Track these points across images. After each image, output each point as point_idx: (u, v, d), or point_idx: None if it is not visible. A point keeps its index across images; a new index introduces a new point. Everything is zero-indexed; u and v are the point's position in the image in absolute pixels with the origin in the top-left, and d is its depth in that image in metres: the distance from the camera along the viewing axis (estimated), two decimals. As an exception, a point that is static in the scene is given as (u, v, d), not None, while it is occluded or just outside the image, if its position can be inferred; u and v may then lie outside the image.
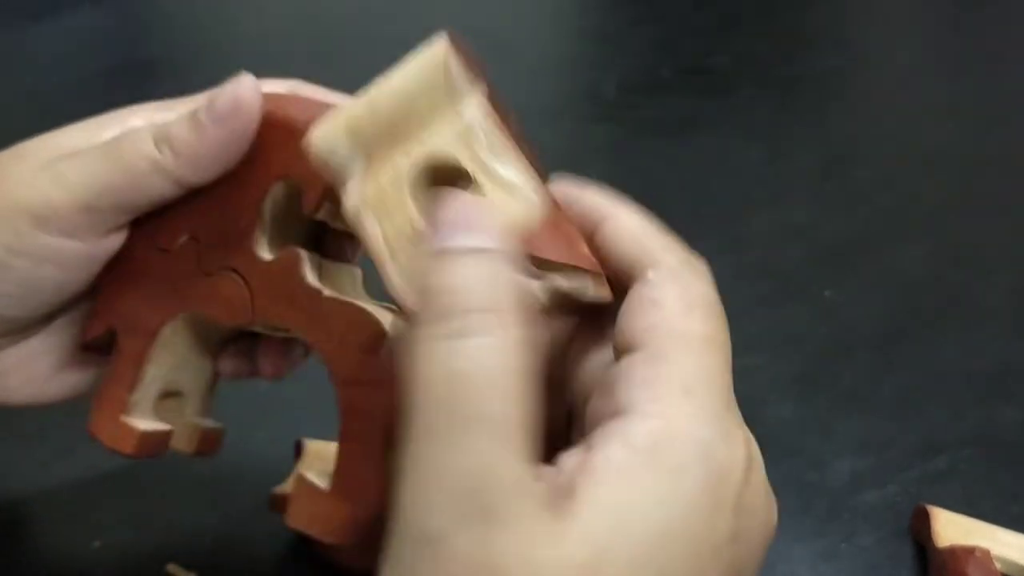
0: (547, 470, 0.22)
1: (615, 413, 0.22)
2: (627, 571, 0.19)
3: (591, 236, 0.26)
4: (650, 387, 0.22)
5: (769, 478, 0.47)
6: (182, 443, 0.36)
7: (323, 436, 0.45)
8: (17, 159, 0.31)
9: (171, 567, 0.43)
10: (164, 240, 0.32)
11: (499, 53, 0.87)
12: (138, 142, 0.30)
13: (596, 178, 0.77)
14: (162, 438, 0.35)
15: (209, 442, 0.37)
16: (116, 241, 0.32)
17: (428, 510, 0.20)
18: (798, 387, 0.53)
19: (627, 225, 0.26)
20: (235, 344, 0.36)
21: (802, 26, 0.90)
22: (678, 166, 0.70)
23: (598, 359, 0.25)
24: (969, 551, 0.42)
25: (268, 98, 0.31)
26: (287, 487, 0.44)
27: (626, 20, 0.90)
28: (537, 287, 0.25)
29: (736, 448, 0.22)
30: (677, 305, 0.23)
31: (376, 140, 0.26)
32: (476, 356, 0.20)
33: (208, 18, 0.92)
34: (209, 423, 0.37)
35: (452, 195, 0.23)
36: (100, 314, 0.34)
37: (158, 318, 0.33)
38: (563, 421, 0.26)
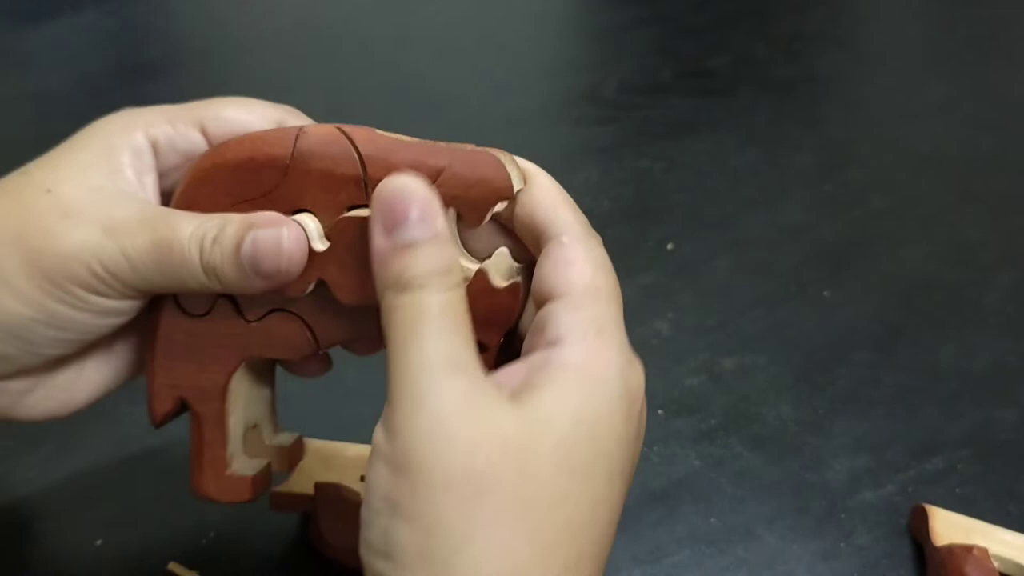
0: (495, 375, 0.29)
1: (548, 344, 0.29)
2: (562, 445, 0.27)
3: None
4: (574, 327, 0.29)
5: (767, 477, 0.48)
6: (276, 466, 0.37)
7: (323, 436, 0.45)
8: (63, 218, 0.31)
9: (172, 565, 0.43)
10: (197, 307, 0.33)
11: (499, 54, 0.88)
12: (186, 259, 0.31)
13: (596, 179, 0.77)
14: (266, 472, 0.36)
15: (296, 454, 0.38)
16: None
17: (411, 385, 0.27)
18: (796, 387, 0.53)
19: (545, 193, 0.31)
20: None
21: (800, 28, 0.91)
22: (677, 167, 0.70)
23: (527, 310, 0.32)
24: (967, 550, 0.42)
25: (243, 141, 0.32)
26: (287, 487, 0.44)
27: (626, 22, 0.90)
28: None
29: (639, 372, 0.30)
30: (587, 265, 0.30)
31: None
32: (431, 301, 0.28)
33: (209, 20, 0.92)
34: (287, 438, 0.38)
35: (394, 188, 0.29)
36: (162, 392, 0.34)
37: (222, 378, 0.34)
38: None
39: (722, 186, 0.69)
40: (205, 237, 0.31)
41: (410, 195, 0.29)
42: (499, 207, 0.31)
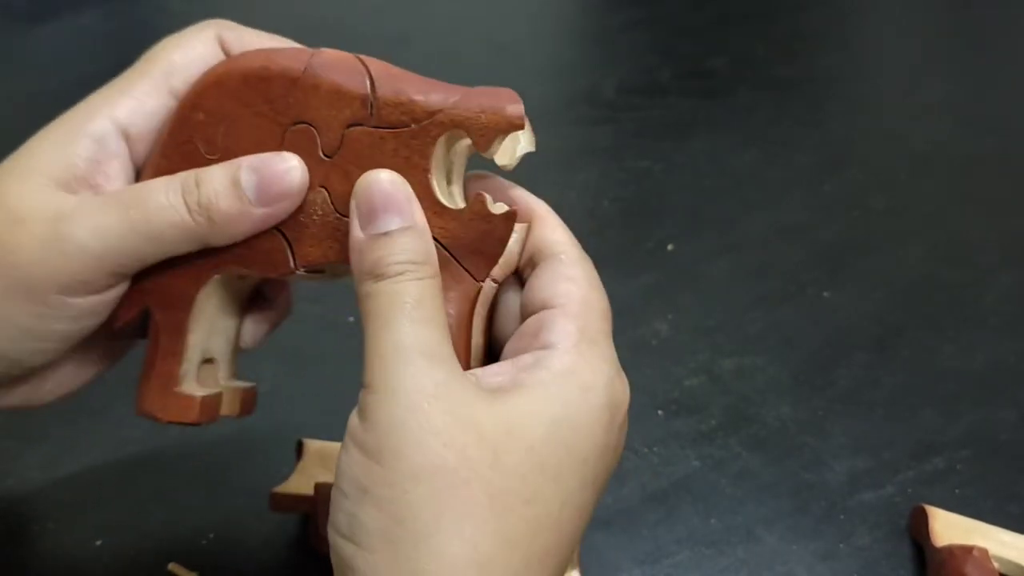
0: (476, 372, 0.30)
1: (540, 347, 0.30)
2: (538, 446, 0.28)
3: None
4: (568, 335, 0.30)
5: (767, 477, 0.48)
6: (226, 407, 0.36)
7: (323, 436, 0.45)
8: (15, 225, 0.31)
9: (172, 566, 0.43)
10: None
11: (499, 55, 0.88)
12: (167, 209, 0.31)
13: (596, 179, 0.77)
14: (216, 401, 0.35)
15: (249, 402, 0.37)
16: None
17: (386, 372, 0.27)
18: (796, 388, 0.53)
19: (547, 217, 0.33)
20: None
21: (800, 28, 0.91)
22: (677, 167, 0.70)
23: (511, 310, 0.33)
24: (967, 550, 0.42)
25: (259, 52, 0.33)
26: (287, 487, 0.44)
27: (625, 23, 0.90)
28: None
29: (625, 386, 0.31)
30: (586, 282, 0.31)
31: None
32: (406, 289, 0.29)
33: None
34: (243, 383, 0.37)
35: (371, 182, 0.30)
36: (131, 297, 0.33)
37: (193, 286, 0.33)
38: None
39: (722, 186, 0.69)
40: (185, 182, 0.31)
41: (387, 188, 0.30)
42: (513, 143, 0.31)
